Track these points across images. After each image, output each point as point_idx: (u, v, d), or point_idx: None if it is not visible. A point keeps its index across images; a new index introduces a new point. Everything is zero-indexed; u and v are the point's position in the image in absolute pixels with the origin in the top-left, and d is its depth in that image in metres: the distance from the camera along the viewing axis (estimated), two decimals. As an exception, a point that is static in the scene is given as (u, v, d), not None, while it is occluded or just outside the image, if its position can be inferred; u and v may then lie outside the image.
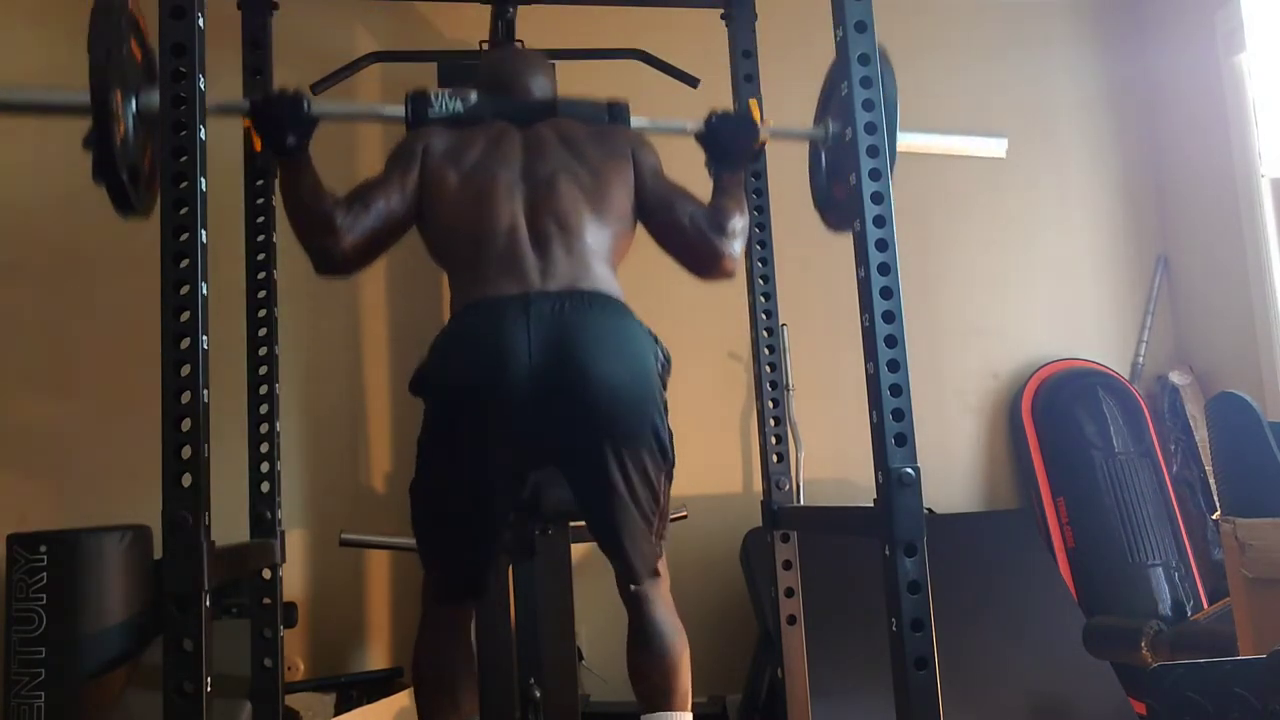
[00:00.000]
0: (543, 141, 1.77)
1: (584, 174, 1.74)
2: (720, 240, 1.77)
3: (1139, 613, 2.76)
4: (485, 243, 1.66)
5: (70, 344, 2.73)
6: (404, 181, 1.73)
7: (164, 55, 1.50)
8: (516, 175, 1.72)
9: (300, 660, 2.70)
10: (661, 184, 1.80)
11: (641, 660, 1.72)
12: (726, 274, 1.81)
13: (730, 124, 1.91)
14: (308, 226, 1.68)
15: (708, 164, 1.93)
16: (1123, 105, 3.48)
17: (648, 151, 1.83)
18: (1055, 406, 3.13)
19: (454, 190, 1.71)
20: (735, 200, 1.83)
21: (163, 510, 1.41)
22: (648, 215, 1.80)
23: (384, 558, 2.82)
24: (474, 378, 1.56)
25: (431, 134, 1.78)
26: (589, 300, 1.62)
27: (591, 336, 1.58)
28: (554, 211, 1.68)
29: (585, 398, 1.55)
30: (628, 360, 1.60)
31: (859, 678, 2.34)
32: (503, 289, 1.61)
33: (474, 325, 1.60)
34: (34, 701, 2.14)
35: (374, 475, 2.87)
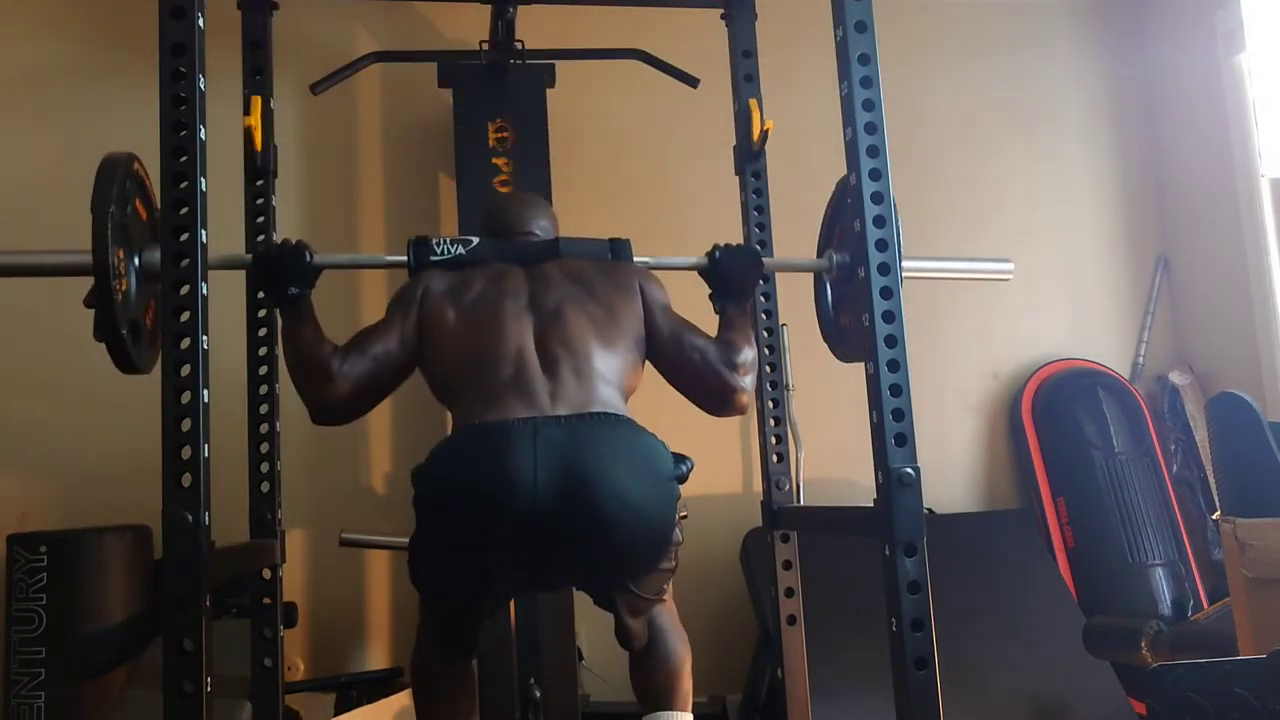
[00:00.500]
0: (548, 277, 1.74)
1: (593, 305, 1.70)
2: (732, 376, 1.74)
3: (1139, 613, 2.76)
4: (491, 367, 1.60)
5: (70, 343, 2.72)
6: (403, 324, 1.68)
7: (164, 55, 1.50)
8: (523, 304, 1.68)
9: (300, 660, 2.70)
10: (671, 321, 1.77)
11: (644, 665, 1.72)
12: (739, 409, 1.78)
13: (735, 257, 1.90)
14: (305, 376, 1.65)
15: (712, 298, 1.92)
16: (1123, 105, 3.48)
17: (655, 287, 1.79)
18: (1055, 406, 3.12)
19: (454, 325, 1.66)
20: (743, 334, 1.81)
21: (163, 510, 1.41)
22: (657, 352, 1.75)
23: (384, 558, 2.82)
24: (472, 502, 1.47)
25: (432, 276, 1.74)
26: (599, 420, 1.54)
27: (603, 455, 1.48)
28: (563, 337, 1.63)
29: (597, 520, 1.46)
30: (643, 475, 1.51)
31: (859, 678, 2.34)
32: (511, 412, 1.52)
33: (477, 445, 1.51)
34: (34, 701, 2.14)
35: (374, 475, 2.87)
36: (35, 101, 2.83)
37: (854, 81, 1.68)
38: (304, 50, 2.83)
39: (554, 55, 2.69)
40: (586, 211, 2.80)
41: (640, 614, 1.66)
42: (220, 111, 1.76)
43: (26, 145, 2.82)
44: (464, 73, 2.68)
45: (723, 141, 2.40)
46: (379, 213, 2.98)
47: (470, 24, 2.81)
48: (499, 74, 2.65)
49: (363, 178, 2.97)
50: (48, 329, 2.72)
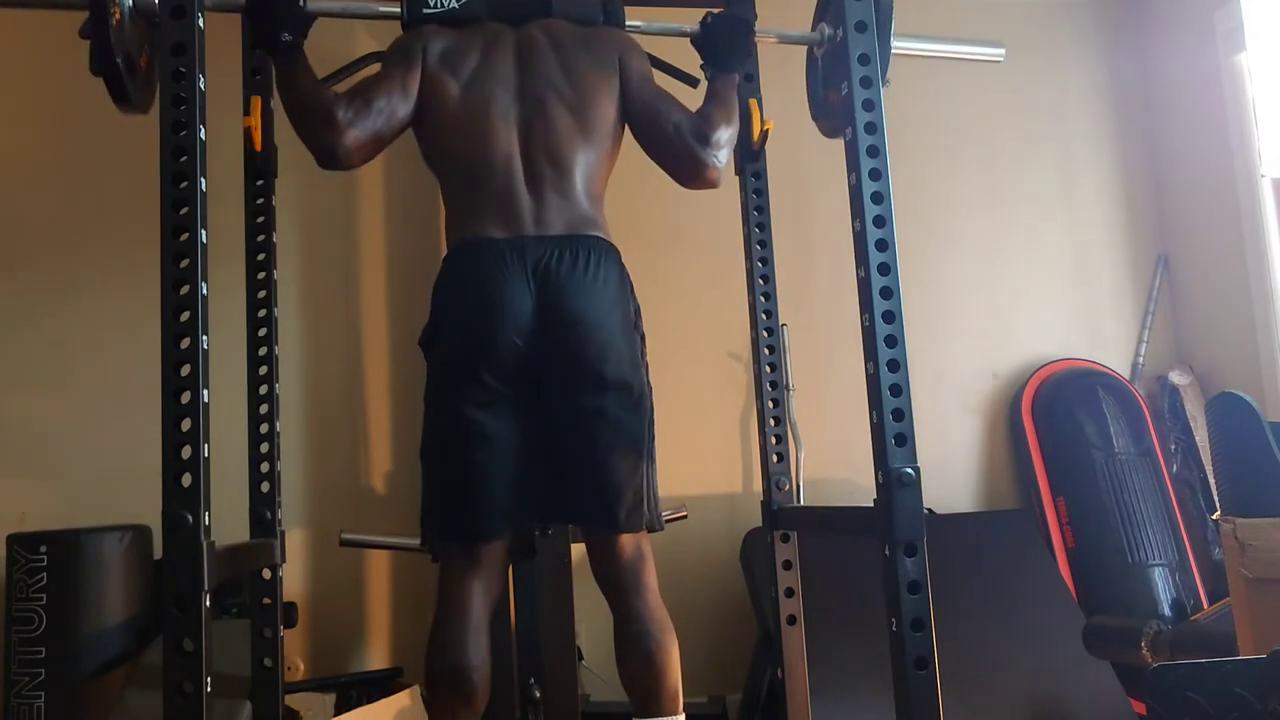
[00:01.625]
0: (535, 47, 1.82)
1: (570, 90, 1.78)
2: (704, 150, 1.82)
3: (1139, 613, 2.76)
4: (481, 175, 1.73)
5: (70, 343, 2.73)
6: (405, 82, 1.76)
7: (164, 55, 1.50)
8: (511, 94, 1.77)
9: (300, 660, 2.69)
10: (648, 91, 1.84)
11: (629, 659, 1.72)
12: (710, 183, 1.87)
13: (724, 24, 1.95)
14: (309, 122, 1.71)
15: (703, 66, 1.97)
16: (1123, 105, 3.48)
17: (636, 57, 1.86)
18: (1055, 406, 3.12)
19: (453, 105, 1.75)
20: (725, 108, 1.87)
21: (163, 510, 1.41)
22: (634, 122, 1.85)
23: (384, 558, 2.82)
24: (478, 332, 1.65)
25: (429, 34, 1.81)
26: (579, 248, 1.70)
27: (582, 291, 1.68)
28: (547, 148, 1.74)
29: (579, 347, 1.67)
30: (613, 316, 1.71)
31: (859, 678, 2.34)
32: (498, 230, 1.70)
33: (472, 274, 1.69)
34: (34, 701, 2.14)
35: (374, 475, 2.87)
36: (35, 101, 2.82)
37: (854, 81, 1.68)
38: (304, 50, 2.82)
39: (554, 55, 2.69)
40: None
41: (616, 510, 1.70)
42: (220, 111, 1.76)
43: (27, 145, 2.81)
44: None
45: (723, 141, 2.39)
46: (379, 212, 2.98)
47: (470, 24, 2.80)
48: (499, 74, 2.64)
49: (362, 177, 2.97)
50: (48, 328, 2.72)
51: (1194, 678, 1.60)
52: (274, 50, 1.72)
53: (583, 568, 2.19)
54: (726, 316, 2.85)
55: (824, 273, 2.97)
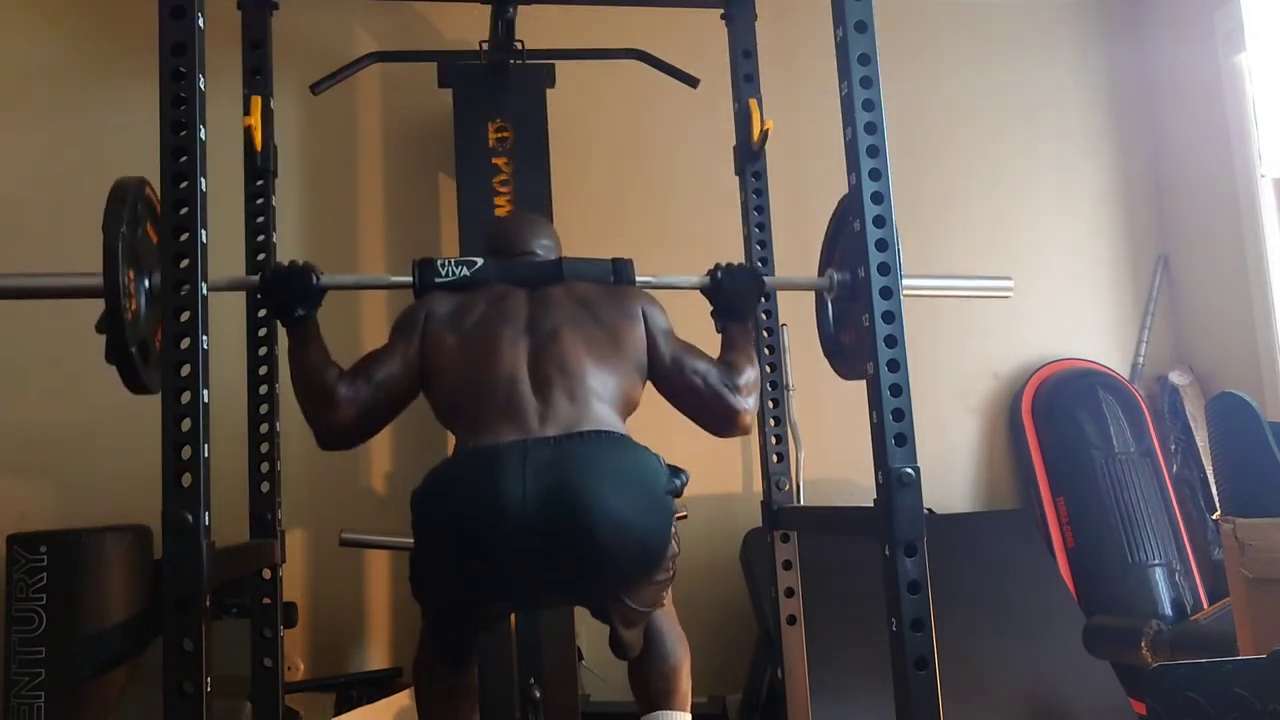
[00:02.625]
0: (550, 299, 1.75)
1: (592, 327, 1.70)
2: (735, 398, 1.75)
3: (1139, 613, 2.76)
4: (486, 392, 1.61)
5: (70, 343, 2.72)
6: (406, 349, 1.70)
7: (164, 55, 1.50)
8: (520, 329, 1.69)
9: (300, 660, 2.69)
10: (672, 345, 1.77)
11: (642, 666, 1.72)
12: (743, 430, 1.80)
13: (734, 276, 1.92)
14: (311, 402, 1.68)
15: (713, 315, 1.93)
16: (1123, 105, 3.48)
17: (657, 312, 1.80)
18: (1055, 406, 3.12)
19: (454, 349, 1.68)
20: (745, 354, 1.83)
21: (163, 510, 1.41)
22: (660, 376, 1.76)
23: (384, 558, 2.82)
24: (465, 523, 1.48)
25: (434, 299, 1.75)
26: (589, 438, 1.54)
27: (592, 472, 1.48)
28: (557, 359, 1.64)
29: (588, 539, 1.45)
30: (635, 491, 1.50)
31: (859, 678, 2.34)
32: (502, 436, 1.54)
33: (467, 469, 1.53)
34: (34, 701, 2.14)
35: (374, 475, 2.87)
36: (35, 102, 2.82)
37: (854, 81, 1.68)
38: (304, 50, 2.83)
39: (554, 55, 2.69)
40: (586, 212, 2.80)
41: (634, 625, 1.65)
42: (220, 112, 1.76)
43: (26, 145, 2.81)
44: (464, 73, 2.68)
45: (723, 142, 2.40)
46: (379, 212, 2.98)
47: (470, 24, 2.81)
48: (499, 74, 2.65)
49: (363, 178, 2.97)
50: (47, 329, 2.72)
51: (1194, 678, 1.60)
52: (288, 323, 1.74)
53: (583, 568, 2.19)
54: (726, 316, 2.85)
55: (824, 273, 2.96)
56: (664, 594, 1.68)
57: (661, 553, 1.55)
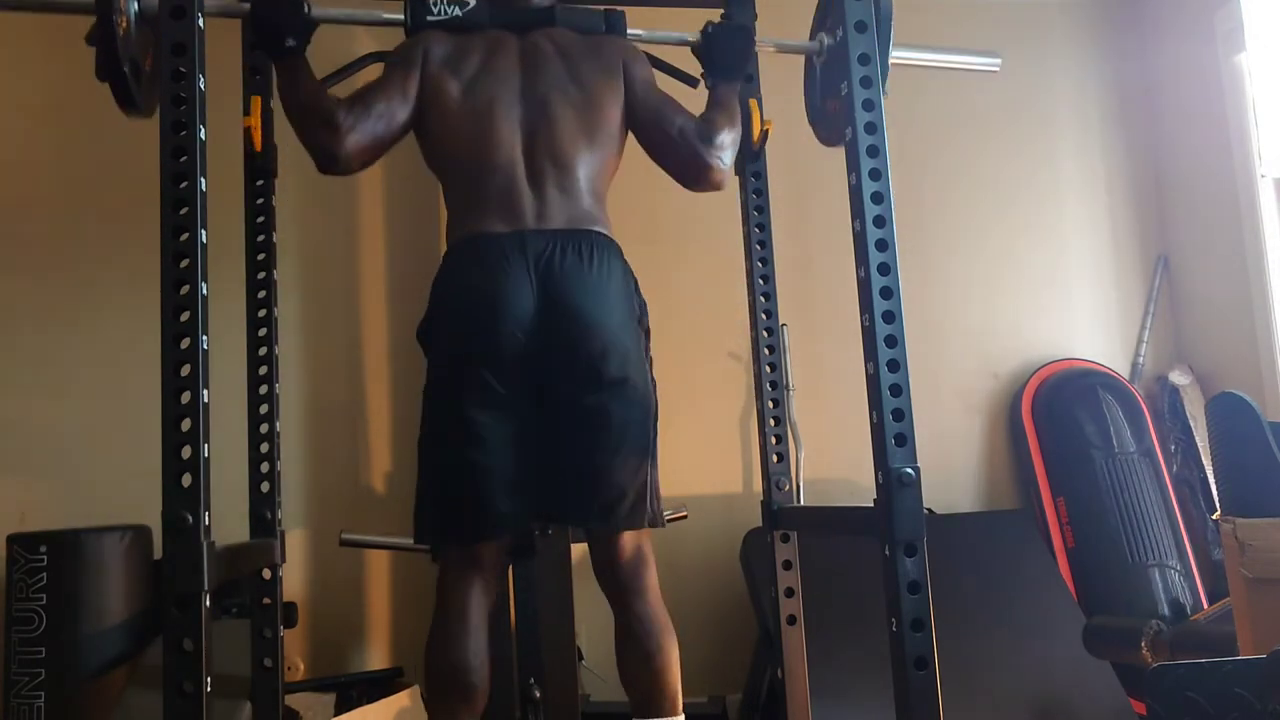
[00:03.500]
0: (539, 53, 1.82)
1: (576, 93, 1.79)
2: (709, 152, 1.83)
3: (1139, 613, 2.76)
4: (483, 174, 1.72)
5: (70, 343, 2.73)
6: (405, 85, 1.76)
7: (164, 55, 1.50)
8: (514, 95, 1.77)
9: (300, 660, 2.69)
10: (652, 96, 1.85)
11: (629, 660, 1.72)
12: (715, 185, 1.87)
13: (725, 33, 1.96)
14: (309, 125, 1.72)
15: (703, 75, 1.98)
16: (1123, 105, 3.48)
17: (640, 64, 1.88)
18: (1055, 406, 3.12)
19: (454, 104, 1.75)
20: (728, 113, 1.89)
21: (163, 510, 1.41)
22: (638, 127, 1.86)
23: (384, 558, 2.82)
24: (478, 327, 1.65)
25: (431, 39, 1.81)
26: (581, 243, 1.70)
27: (585, 285, 1.67)
28: (550, 146, 1.74)
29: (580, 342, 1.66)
30: (616, 311, 1.71)
31: (859, 678, 2.34)
32: (498, 225, 1.69)
33: (472, 268, 1.68)
34: (34, 701, 2.14)
35: (374, 475, 2.87)
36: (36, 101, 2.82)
37: (854, 81, 1.69)
38: (304, 51, 2.82)
39: (554, 55, 2.69)
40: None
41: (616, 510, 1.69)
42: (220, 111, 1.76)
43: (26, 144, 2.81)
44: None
45: (723, 141, 2.39)
46: (379, 212, 2.98)
47: (470, 24, 2.81)
48: (499, 74, 2.64)
49: (363, 177, 2.97)
50: (48, 328, 2.72)
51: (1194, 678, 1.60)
52: (277, 54, 1.73)
53: (583, 568, 2.19)
54: (726, 316, 2.85)
55: (824, 273, 2.96)
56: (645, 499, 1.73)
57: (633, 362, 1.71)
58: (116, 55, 1.53)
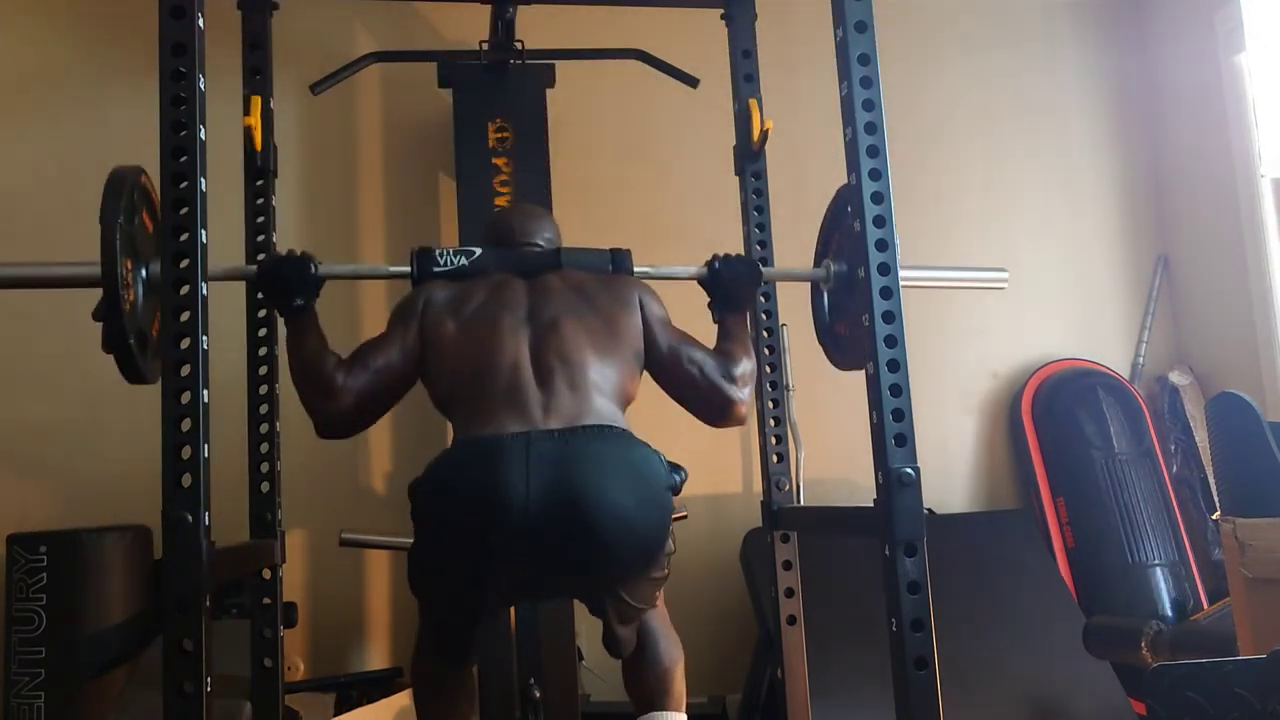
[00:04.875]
0: (548, 288, 1.75)
1: (591, 317, 1.71)
2: (730, 388, 1.76)
3: (1139, 613, 2.76)
4: (487, 380, 1.61)
5: (70, 343, 2.72)
6: (404, 337, 1.70)
7: (164, 55, 1.50)
8: (521, 317, 1.69)
9: (300, 660, 2.69)
10: (669, 335, 1.78)
11: (636, 666, 1.73)
12: (738, 421, 1.79)
13: (733, 268, 1.92)
14: (310, 390, 1.67)
15: (711, 307, 1.94)
16: (1123, 105, 3.48)
17: (654, 302, 1.80)
18: (1055, 406, 3.12)
19: (454, 336, 1.68)
20: (741, 345, 1.83)
21: (163, 510, 1.41)
22: (656, 367, 1.77)
23: (384, 558, 2.82)
24: (466, 515, 1.48)
25: (434, 287, 1.75)
26: (592, 433, 1.54)
27: (595, 467, 1.49)
28: (559, 350, 1.64)
29: (589, 532, 1.46)
30: (635, 486, 1.51)
31: (859, 678, 2.34)
32: (505, 426, 1.54)
33: (470, 460, 1.52)
34: (34, 701, 2.14)
35: (374, 475, 2.87)
36: (35, 102, 2.82)
37: (854, 81, 1.68)
38: (304, 50, 2.83)
39: (554, 55, 2.69)
40: (586, 211, 2.80)
41: (629, 622, 1.66)
42: (220, 112, 1.76)
43: (27, 145, 2.81)
44: (464, 73, 2.68)
45: (723, 142, 2.40)
46: (379, 212, 2.98)
47: (470, 24, 2.81)
48: (499, 74, 2.65)
49: (363, 178, 2.97)
50: (47, 329, 2.72)
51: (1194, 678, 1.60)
52: (286, 313, 1.72)
53: (583, 568, 2.19)
54: (726, 316, 2.85)
55: (824, 273, 2.96)
56: (658, 591, 1.69)
57: (660, 549, 1.58)
58: (123, 332, 1.52)
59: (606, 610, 1.62)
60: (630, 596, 1.60)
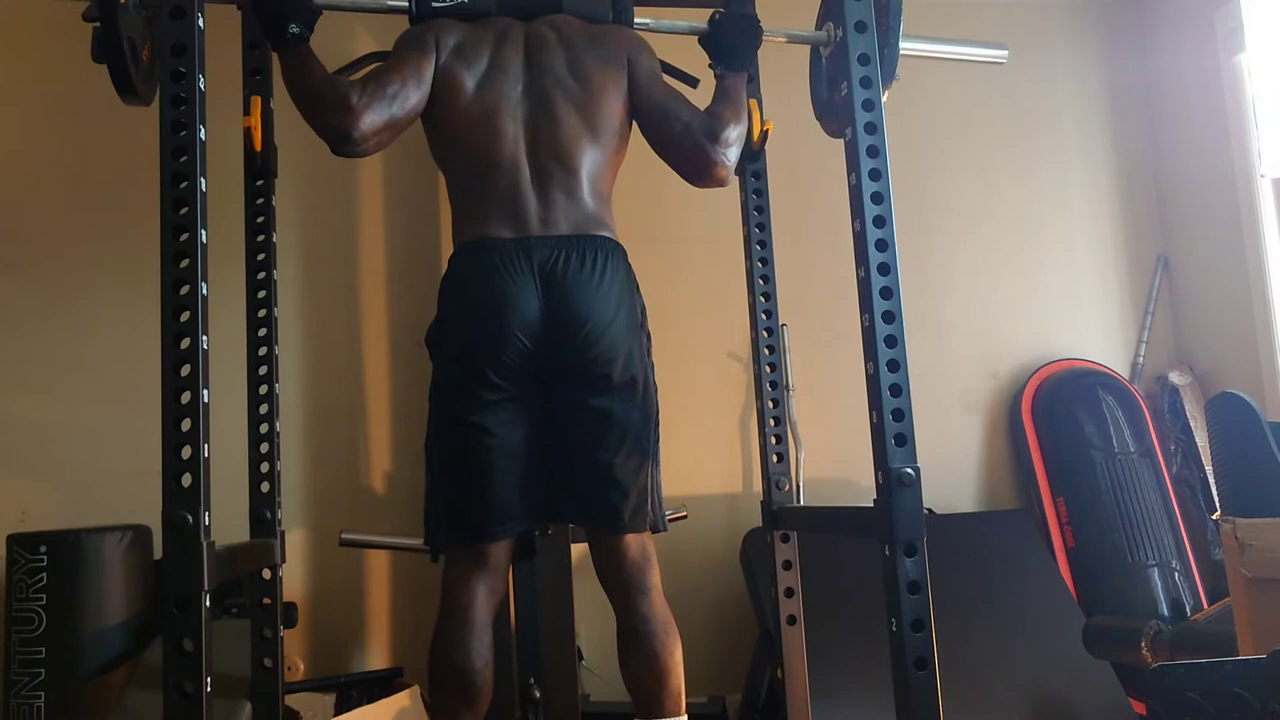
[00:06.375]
0: (544, 44, 1.81)
1: (577, 87, 1.78)
2: (714, 148, 1.81)
3: (1139, 613, 2.76)
4: (488, 173, 1.73)
5: (70, 343, 2.73)
6: (420, 69, 1.75)
7: (164, 55, 1.50)
8: (519, 91, 1.77)
9: (300, 660, 2.69)
10: (657, 89, 1.84)
11: (632, 660, 1.72)
12: (720, 181, 1.86)
13: (733, 22, 1.95)
14: (322, 107, 1.68)
15: (711, 65, 1.96)
16: (1123, 105, 3.48)
17: (645, 55, 1.86)
18: (1055, 406, 3.12)
19: (465, 99, 1.75)
20: (734, 106, 1.87)
21: (163, 510, 1.41)
22: (643, 120, 1.85)
23: (384, 558, 2.82)
24: (484, 332, 1.67)
25: (440, 26, 1.80)
26: (585, 249, 1.71)
27: (588, 292, 1.69)
28: (553, 146, 1.75)
29: (584, 348, 1.68)
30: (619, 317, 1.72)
31: (859, 678, 2.34)
32: (504, 230, 1.70)
33: (478, 275, 1.69)
34: (34, 701, 2.14)
35: (374, 475, 2.87)
36: (35, 101, 2.82)
37: (854, 81, 1.68)
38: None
39: (554, 55, 2.69)
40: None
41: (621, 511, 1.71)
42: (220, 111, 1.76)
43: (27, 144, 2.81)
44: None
45: (723, 141, 2.39)
46: (379, 213, 2.98)
47: (470, 24, 2.81)
48: (499, 74, 2.64)
49: (363, 178, 2.97)
50: (48, 328, 2.72)
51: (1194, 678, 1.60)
52: (280, 43, 1.71)
53: (583, 568, 2.19)
54: (726, 316, 2.85)
55: (824, 273, 2.96)
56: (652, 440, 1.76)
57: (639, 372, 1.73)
58: (117, 35, 1.50)
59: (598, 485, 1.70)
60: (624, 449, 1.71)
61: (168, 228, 1.48)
